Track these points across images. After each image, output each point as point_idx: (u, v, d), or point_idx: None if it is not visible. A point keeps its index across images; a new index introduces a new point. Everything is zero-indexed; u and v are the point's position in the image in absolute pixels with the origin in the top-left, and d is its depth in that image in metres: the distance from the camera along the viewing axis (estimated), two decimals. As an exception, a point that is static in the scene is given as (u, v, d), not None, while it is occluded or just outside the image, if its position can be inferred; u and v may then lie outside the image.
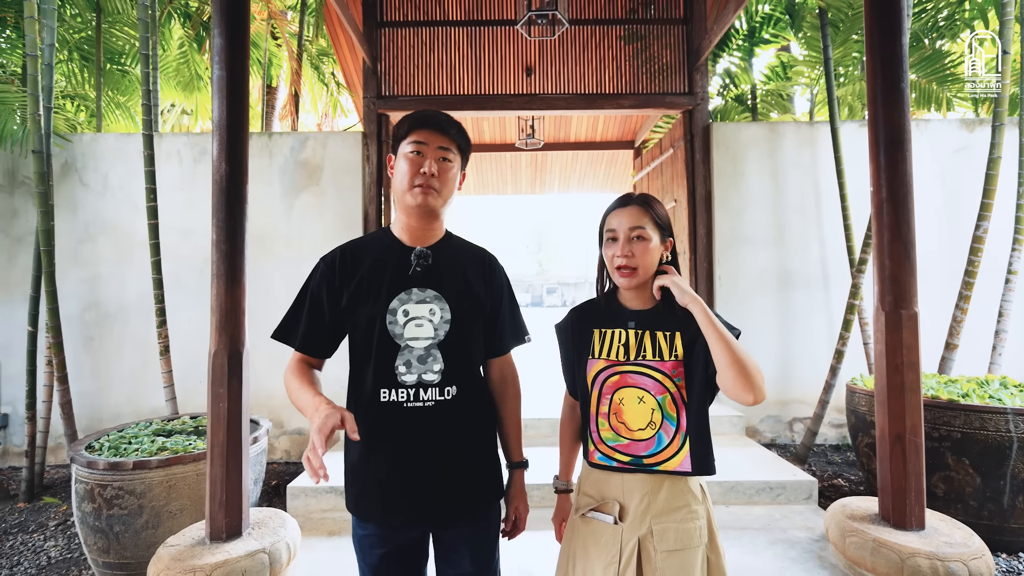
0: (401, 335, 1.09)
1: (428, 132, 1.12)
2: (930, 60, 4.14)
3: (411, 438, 1.08)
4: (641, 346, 1.14)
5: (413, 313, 1.10)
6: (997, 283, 3.45)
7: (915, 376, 1.87)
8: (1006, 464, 2.16)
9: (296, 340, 1.14)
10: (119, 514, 2.12)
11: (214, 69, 1.91)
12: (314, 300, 1.14)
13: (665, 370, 1.12)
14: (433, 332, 1.11)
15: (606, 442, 1.14)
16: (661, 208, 1.18)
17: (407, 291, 1.11)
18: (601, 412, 1.15)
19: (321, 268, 1.16)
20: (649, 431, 1.11)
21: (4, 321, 3.81)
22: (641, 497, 1.09)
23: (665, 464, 1.10)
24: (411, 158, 1.11)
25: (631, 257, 1.13)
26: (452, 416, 1.10)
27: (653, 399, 1.12)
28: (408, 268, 1.12)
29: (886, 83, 1.93)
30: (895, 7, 1.92)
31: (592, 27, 4.16)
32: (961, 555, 1.71)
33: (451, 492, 1.10)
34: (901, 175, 1.92)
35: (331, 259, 1.16)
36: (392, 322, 1.10)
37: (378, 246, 1.17)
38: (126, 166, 3.89)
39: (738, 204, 3.97)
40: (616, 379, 1.14)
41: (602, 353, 1.17)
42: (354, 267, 1.14)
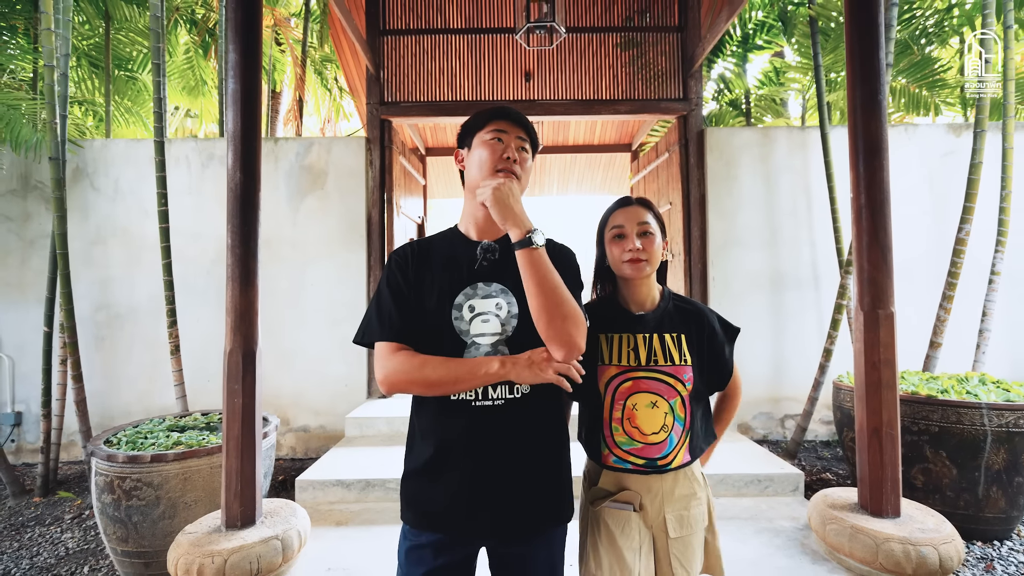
0: (467, 331, 1.06)
1: (508, 123, 1.12)
2: (919, 66, 4.25)
3: (481, 438, 1.04)
4: (651, 351, 1.17)
5: (479, 308, 1.07)
6: (982, 284, 3.56)
7: (891, 373, 1.98)
8: (980, 456, 2.27)
9: (390, 333, 1.06)
10: (137, 505, 2.23)
11: (228, 83, 2.02)
12: (398, 291, 1.09)
13: (678, 375, 1.16)
14: (500, 327, 1.07)
15: (620, 446, 1.16)
16: (658, 210, 1.26)
17: (472, 286, 1.08)
18: (615, 418, 1.17)
19: (396, 261, 1.13)
20: (662, 435, 1.14)
21: (18, 322, 3.92)
22: (656, 492, 1.14)
23: (673, 463, 1.15)
24: (492, 144, 1.10)
25: (642, 250, 1.17)
26: (523, 415, 1.06)
27: (666, 403, 1.15)
28: (474, 262, 1.10)
29: (865, 95, 2.04)
30: (874, 25, 2.03)
31: (589, 35, 4.27)
32: (932, 540, 1.82)
33: (521, 500, 1.05)
34: (879, 182, 2.03)
35: (404, 252, 1.14)
36: (458, 318, 1.07)
37: (445, 242, 1.16)
38: (136, 171, 4.00)
39: (731, 207, 4.08)
40: (629, 385, 1.16)
41: (612, 359, 1.18)
42: (422, 262, 1.12)
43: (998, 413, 2.26)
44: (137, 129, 5.49)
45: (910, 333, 3.76)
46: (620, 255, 1.19)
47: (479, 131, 1.13)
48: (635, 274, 1.18)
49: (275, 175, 4.03)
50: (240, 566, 1.80)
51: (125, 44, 5.07)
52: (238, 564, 1.80)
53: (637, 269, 1.17)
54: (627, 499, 1.14)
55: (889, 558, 1.82)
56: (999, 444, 2.25)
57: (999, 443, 2.25)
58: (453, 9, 4.24)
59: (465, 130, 1.17)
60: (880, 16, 2.02)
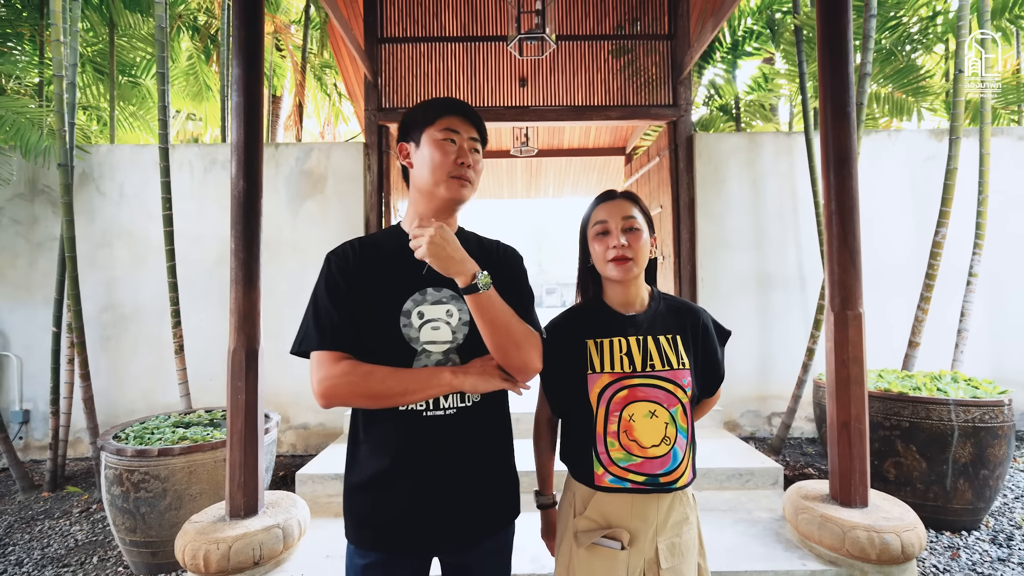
0: (417, 338, 1.01)
1: (460, 120, 1.04)
2: (903, 73, 4.36)
3: (432, 449, 1.00)
4: (647, 355, 1.07)
5: (429, 315, 1.02)
6: (962, 285, 3.67)
7: (859, 370, 2.10)
8: (948, 450, 2.38)
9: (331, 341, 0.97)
10: (145, 497, 2.34)
11: (233, 96, 2.13)
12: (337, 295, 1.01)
13: (677, 380, 1.06)
14: (451, 335, 1.02)
15: (617, 463, 1.06)
16: (644, 205, 1.16)
17: (421, 291, 1.03)
18: (610, 431, 1.06)
19: (334, 262, 1.04)
20: (664, 447, 1.05)
21: (25, 322, 4.03)
22: (652, 520, 1.05)
23: (679, 481, 1.06)
24: (445, 146, 1.02)
25: (627, 247, 1.07)
26: (475, 423, 1.03)
27: (666, 412, 1.05)
28: (422, 267, 1.02)
29: (835, 108, 2.15)
30: (843, 42, 2.14)
31: (581, 42, 4.38)
32: (895, 527, 1.93)
33: (474, 509, 1.02)
34: (848, 190, 2.14)
35: (342, 252, 1.05)
36: (407, 325, 1.01)
37: (390, 243, 1.08)
38: (140, 176, 4.11)
39: (720, 210, 4.19)
40: (625, 394, 1.06)
41: (604, 366, 1.08)
42: (365, 264, 1.04)
43: (964, 409, 2.38)
44: (141, 133, 5.61)
45: (893, 333, 3.87)
46: (604, 253, 1.09)
47: (428, 127, 1.04)
48: (621, 275, 1.08)
49: (276, 179, 4.14)
50: (244, 552, 1.92)
51: (129, 50, 5.19)
52: (242, 551, 1.91)
53: (623, 269, 1.08)
54: (616, 536, 1.03)
55: (855, 545, 1.93)
56: (965, 439, 2.36)
57: (965, 438, 2.36)
58: (449, 17, 4.36)
59: (411, 122, 1.07)
60: (849, 34, 2.13)
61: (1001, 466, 2.41)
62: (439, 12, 4.35)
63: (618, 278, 1.09)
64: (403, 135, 1.09)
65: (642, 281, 1.16)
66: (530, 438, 1.31)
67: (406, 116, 1.09)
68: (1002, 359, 4.08)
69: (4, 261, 4.06)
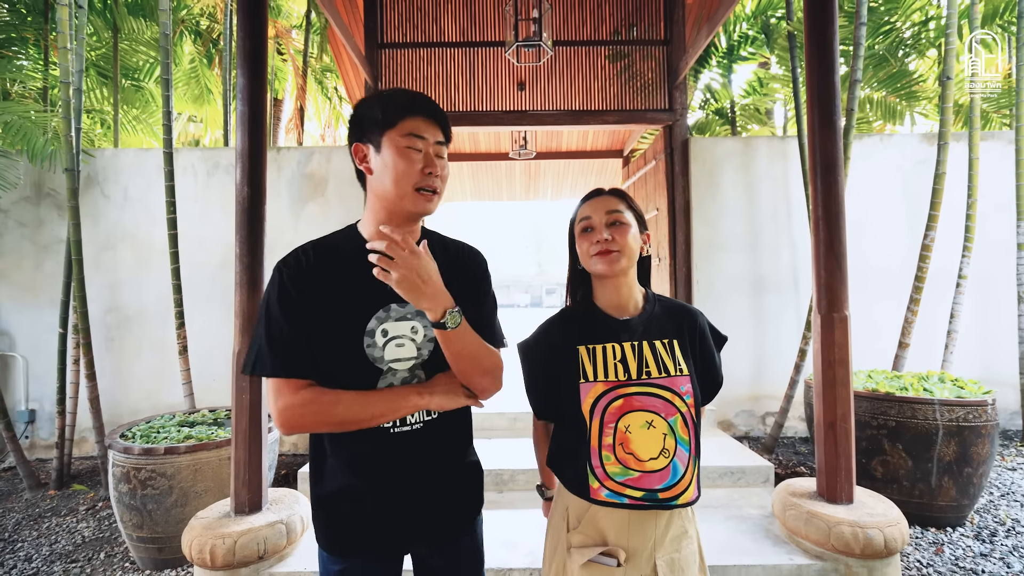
0: (382, 358, 0.97)
1: (425, 122, 0.96)
2: (895, 77, 4.43)
3: (400, 462, 0.99)
4: (642, 361, 1.02)
5: (393, 332, 0.98)
6: (952, 287, 3.74)
7: (845, 371, 2.16)
8: (933, 449, 2.45)
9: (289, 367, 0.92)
10: (152, 494, 2.40)
11: (238, 105, 2.20)
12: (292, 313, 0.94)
13: (674, 387, 1.01)
14: (416, 351, 0.99)
15: (614, 478, 1.00)
16: (634, 201, 1.11)
17: (385, 308, 0.98)
18: (605, 444, 1.01)
19: (286, 274, 0.96)
20: (663, 460, 0.99)
21: (31, 324, 4.10)
22: (650, 536, 1.01)
23: (681, 497, 1.00)
24: (410, 154, 0.93)
25: (611, 240, 1.03)
26: (440, 433, 1.02)
27: (664, 422, 1.00)
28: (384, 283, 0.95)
29: (822, 116, 2.22)
30: (830, 53, 2.20)
31: (579, 48, 4.44)
32: (879, 523, 2.00)
33: (443, 509, 1.03)
34: (834, 196, 2.21)
35: (294, 263, 0.97)
36: (370, 344, 0.96)
37: (348, 254, 1.00)
38: (144, 179, 4.18)
39: (714, 213, 4.26)
40: (620, 404, 1.01)
41: (597, 375, 1.03)
42: (321, 277, 0.97)
43: (949, 408, 2.44)
44: (144, 137, 5.67)
45: (885, 334, 3.94)
46: (588, 249, 1.06)
47: (389, 129, 0.94)
48: (607, 268, 1.03)
49: (278, 183, 4.20)
50: (248, 547, 1.98)
51: (131, 54, 5.25)
52: (247, 545, 1.98)
53: (608, 262, 1.03)
54: (612, 553, 1.00)
55: (839, 540, 1.99)
56: (950, 437, 2.43)
57: (950, 436, 2.43)
58: (448, 23, 4.42)
59: (367, 120, 0.96)
60: (835, 45, 2.20)
61: (985, 464, 2.47)
62: (438, 18, 4.41)
63: (604, 272, 1.04)
64: (357, 134, 0.98)
65: (634, 282, 1.10)
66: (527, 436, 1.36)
67: (360, 110, 0.98)
68: (992, 360, 4.14)
69: (10, 263, 4.12)
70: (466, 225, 41.10)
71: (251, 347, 0.96)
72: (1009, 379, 4.02)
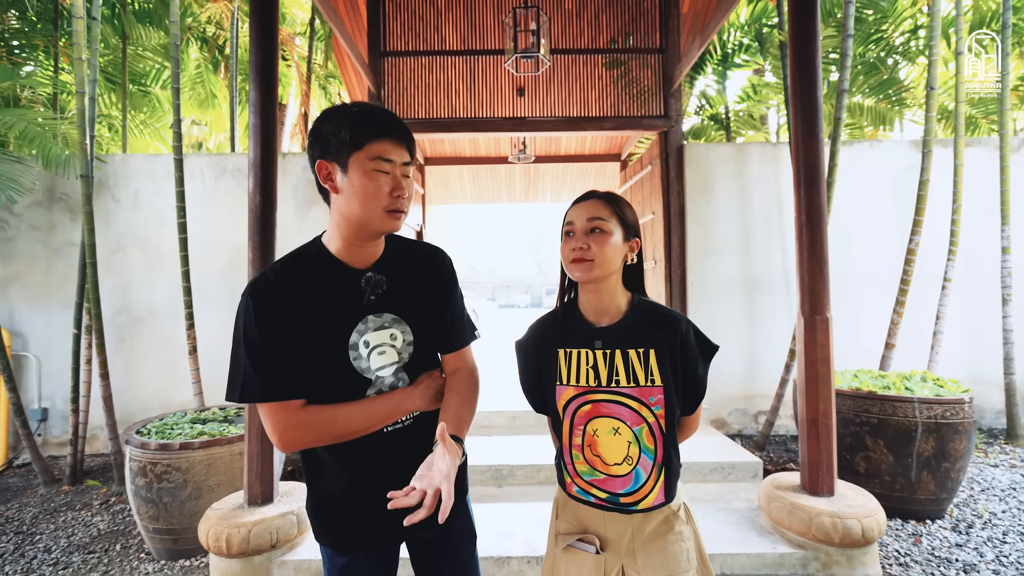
0: (368, 368, 1.02)
1: (392, 145, 0.97)
2: (885, 85, 4.55)
3: (394, 458, 1.04)
4: (613, 369, 1.04)
5: (374, 342, 1.03)
6: (938, 290, 3.85)
7: (827, 370, 2.28)
8: (913, 445, 2.57)
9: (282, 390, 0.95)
10: (167, 487, 2.52)
11: (250, 117, 2.31)
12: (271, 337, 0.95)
13: (642, 398, 1.02)
14: (397, 356, 1.05)
15: (582, 476, 1.07)
16: (628, 207, 1.10)
17: (363, 320, 1.02)
18: (575, 444, 1.07)
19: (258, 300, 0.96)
20: (626, 466, 1.03)
21: (44, 325, 4.22)
22: (624, 530, 1.04)
23: (642, 503, 1.03)
24: (379, 178, 0.95)
25: (586, 249, 1.03)
26: (429, 425, 1.07)
27: (629, 431, 1.02)
28: (360, 296, 1.02)
29: (805, 129, 2.34)
30: (812, 69, 2.32)
31: (577, 56, 4.56)
32: (857, 514, 2.11)
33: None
34: (816, 204, 2.33)
35: (263, 289, 0.97)
36: (356, 357, 1.01)
37: (318, 272, 1.01)
38: (154, 184, 4.30)
39: (708, 217, 4.37)
40: (588, 409, 1.05)
41: (570, 379, 1.06)
42: (293, 299, 0.97)
43: (928, 406, 2.56)
44: (151, 140, 5.79)
45: (875, 335, 4.05)
46: (567, 255, 1.07)
47: (356, 151, 0.94)
48: (580, 276, 1.05)
49: (283, 188, 4.32)
50: (262, 536, 2.10)
51: (138, 60, 5.37)
52: (260, 534, 2.10)
53: (581, 270, 1.04)
54: (590, 541, 1.04)
55: (820, 529, 2.11)
56: (928, 434, 2.55)
57: (928, 433, 2.55)
58: (449, 32, 4.54)
59: (333, 140, 0.95)
60: (818, 62, 2.31)
61: (962, 459, 2.59)
62: (440, 26, 4.53)
63: (578, 279, 1.07)
64: (320, 150, 0.97)
65: (617, 288, 1.10)
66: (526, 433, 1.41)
67: (323, 127, 0.96)
68: (979, 360, 4.25)
69: (23, 266, 4.24)
70: (467, 226, 41.19)
71: (234, 375, 0.97)
72: (996, 379, 4.13)
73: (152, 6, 4.88)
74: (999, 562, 2.26)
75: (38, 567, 2.57)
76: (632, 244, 1.10)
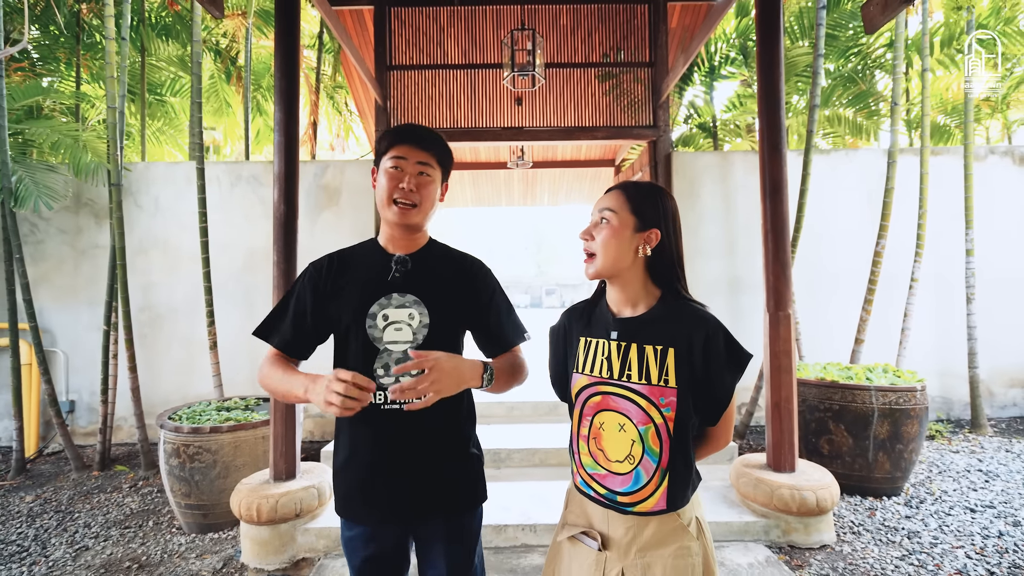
0: (380, 339, 1.13)
1: (408, 147, 1.14)
2: (860, 98, 4.83)
3: (388, 437, 1.12)
4: (625, 363, 1.00)
5: (392, 317, 1.13)
6: (905, 289, 4.14)
7: (788, 360, 2.56)
8: (870, 428, 2.85)
9: (276, 338, 1.18)
10: (198, 467, 2.80)
11: (275, 135, 2.60)
12: (299, 303, 1.19)
13: (652, 397, 0.97)
14: (412, 335, 1.14)
15: (586, 468, 1.05)
16: (651, 195, 1.03)
17: (387, 296, 1.15)
18: (581, 434, 1.05)
19: (310, 272, 1.20)
20: (627, 465, 0.99)
21: (71, 322, 4.50)
22: (626, 530, 0.99)
23: (639, 506, 0.98)
24: (391, 173, 1.14)
25: (590, 240, 1.03)
26: (428, 416, 1.11)
27: (635, 429, 0.98)
28: (388, 274, 1.17)
29: (770, 146, 2.62)
30: (775, 93, 2.60)
31: (572, 69, 4.84)
32: (812, 487, 2.40)
33: (427, 491, 1.13)
34: (780, 214, 2.61)
35: (320, 264, 1.21)
36: (372, 326, 1.13)
37: (364, 254, 1.22)
38: (174, 190, 4.58)
39: (695, 221, 4.66)
40: (598, 400, 1.02)
41: (585, 367, 1.05)
42: (340, 273, 1.19)
43: (883, 394, 2.84)
44: (167, 147, 6.07)
45: (847, 332, 4.33)
46: None
47: (383, 155, 1.17)
48: (585, 270, 1.05)
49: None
50: (287, 506, 2.38)
51: (155, 71, 5.66)
52: (286, 504, 2.38)
53: (586, 264, 1.05)
54: (592, 536, 1.02)
55: (780, 500, 2.39)
56: (883, 418, 2.83)
57: (884, 418, 2.83)
58: (452, 46, 4.82)
59: (377, 151, 1.20)
60: (781, 87, 2.60)
61: (914, 441, 2.87)
62: (442, 42, 4.81)
63: (585, 273, 1.06)
64: (375, 161, 1.22)
65: (639, 281, 1.04)
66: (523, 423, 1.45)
67: (378, 144, 1.21)
68: (948, 355, 4.53)
69: (51, 267, 4.52)
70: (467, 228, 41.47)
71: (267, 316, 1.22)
72: (964, 373, 4.41)
73: (170, 21, 5.16)
74: (940, 531, 2.54)
75: (81, 539, 2.85)
76: (648, 235, 1.02)
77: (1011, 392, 4.56)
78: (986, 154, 4.60)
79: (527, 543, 2.45)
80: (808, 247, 4.40)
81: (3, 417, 4.48)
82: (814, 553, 2.37)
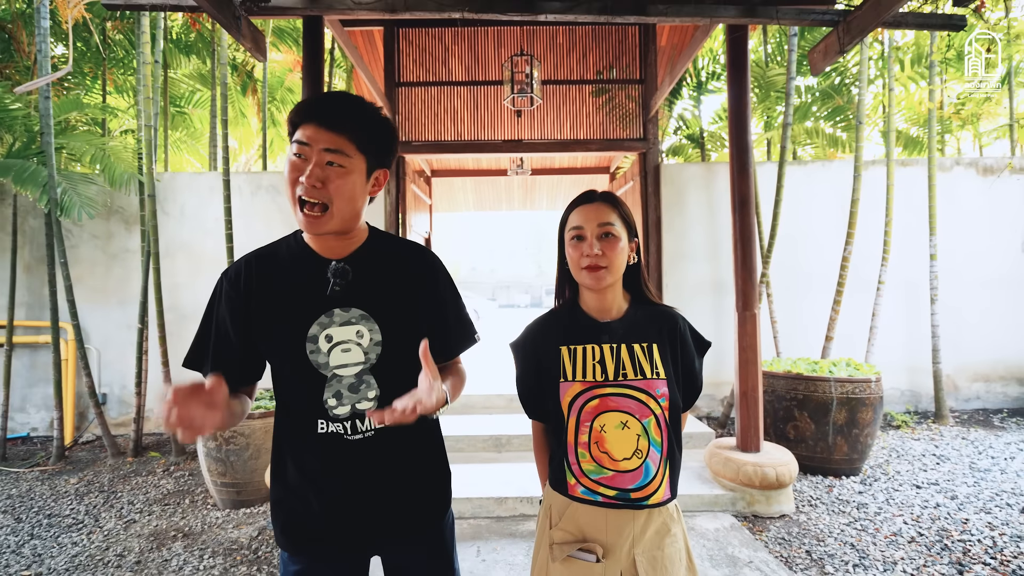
0: (326, 364, 0.96)
1: (313, 128, 0.90)
2: (835, 112, 5.19)
3: (356, 468, 0.99)
4: (620, 363, 1.05)
5: (337, 337, 0.96)
6: (873, 291, 4.49)
7: (754, 354, 2.92)
8: (830, 415, 3.20)
9: (207, 368, 0.99)
10: (233, 448, 3.16)
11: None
12: (219, 324, 0.99)
13: (649, 390, 1.03)
14: (363, 356, 0.97)
15: (588, 475, 1.04)
16: (626, 206, 1.11)
17: (327, 313, 0.96)
18: (581, 442, 1.04)
19: (224, 286, 0.99)
20: (635, 460, 1.02)
21: (103, 321, 4.85)
22: (628, 534, 1.02)
23: (652, 498, 1.02)
24: (292, 163, 0.90)
25: (601, 256, 1.05)
26: (397, 440, 1.01)
27: (638, 423, 1.02)
28: (325, 286, 0.96)
29: (739, 166, 2.98)
30: (743, 120, 2.96)
31: (568, 86, 5.20)
32: (774, 464, 2.75)
33: (401, 514, 1.02)
34: (748, 225, 2.97)
35: (234, 275, 0.99)
36: (314, 351, 0.95)
37: (289, 259, 1.01)
38: (198, 198, 4.94)
39: (681, 228, 5.01)
40: (596, 403, 1.04)
41: (575, 374, 1.06)
42: (261, 284, 0.98)
43: (841, 384, 3.20)
44: (187, 157, 6.43)
45: (820, 331, 4.68)
46: (579, 260, 1.08)
47: (290, 141, 0.92)
48: (594, 284, 1.07)
49: (311, 202, 4.96)
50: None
51: (175, 84, 6.01)
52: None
53: (595, 278, 1.06)
54: (590, 549, 1.02)
55: (745, 476, 2.75)
56: (841, 406, 3.18)
57: (841, 406, 3.18)
58: (456, 65, 5.18)
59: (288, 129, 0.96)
60: (747, 113, 2.96)
61: (869, 427, 3.23)
62: (447, 60, 5.17)
63: (591, 286, 1.08)
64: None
65: (619, 287, 1.12)
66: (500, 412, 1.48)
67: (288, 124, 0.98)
68: (916, 353, 4.89)
69: (84, 270, 4.88)
70: (468, 228, 41.84)
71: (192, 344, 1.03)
72: (930, 368, 4.77)
73: (192, 40, 5.51)
74: (887, 503, 2.90)
75: (127, 514, 3.21)
76: (632, 244, 1.12)
77: (974, 386, 4.92)
78: (952, 165, 4.95)
79: (524, 513, 2.80)
80: (785, 251, 4.76)
81: (39, 409, 4.84)
82: (774, 521, 2.72)
